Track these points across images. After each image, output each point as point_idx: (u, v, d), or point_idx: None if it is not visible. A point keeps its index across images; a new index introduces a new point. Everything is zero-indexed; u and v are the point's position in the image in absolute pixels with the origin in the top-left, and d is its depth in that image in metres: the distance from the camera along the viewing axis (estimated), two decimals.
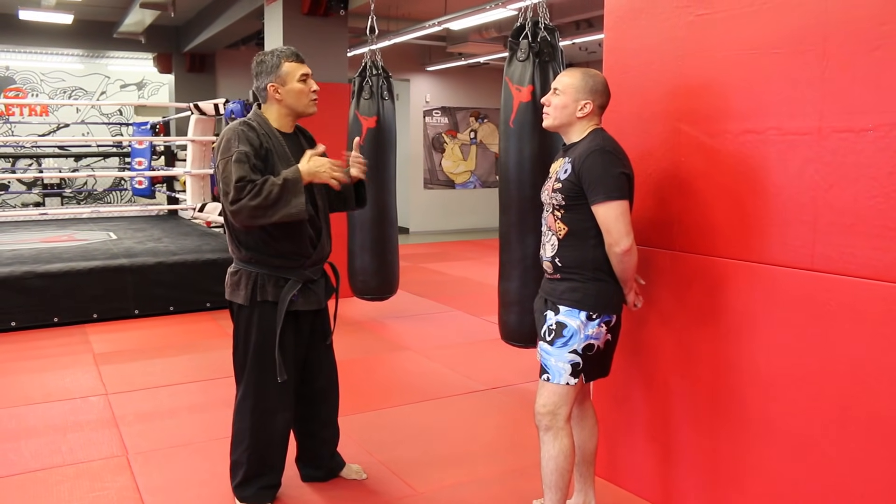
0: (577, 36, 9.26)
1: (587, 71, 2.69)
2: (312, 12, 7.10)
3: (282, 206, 2.72)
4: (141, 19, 9.75)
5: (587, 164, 2.54)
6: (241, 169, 2.72)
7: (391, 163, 6.10)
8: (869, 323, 2.24)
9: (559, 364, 2.63)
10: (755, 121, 2.56)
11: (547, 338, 2.67)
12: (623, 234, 2.52)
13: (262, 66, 2.90)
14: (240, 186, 2.70)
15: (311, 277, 2.99)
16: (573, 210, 2.60)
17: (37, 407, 4.29)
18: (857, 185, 2.26)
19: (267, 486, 3.07)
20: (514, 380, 4.80)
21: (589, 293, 2.61)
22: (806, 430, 2.44)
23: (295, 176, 2.76)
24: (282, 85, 2.89)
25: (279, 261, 2.90)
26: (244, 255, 2.92)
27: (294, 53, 2.93)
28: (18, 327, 6.01)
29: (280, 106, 2.93)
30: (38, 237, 8.27)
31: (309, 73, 2.95)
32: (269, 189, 2.70)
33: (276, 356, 2.89)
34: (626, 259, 2.56)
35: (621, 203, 2.53)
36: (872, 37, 2.19)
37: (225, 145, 2.80)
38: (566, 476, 2.72)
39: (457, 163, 13.58)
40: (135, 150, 10.96)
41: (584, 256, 2.61)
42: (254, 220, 2.75)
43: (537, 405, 2.71)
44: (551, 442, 2.69)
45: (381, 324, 6.43)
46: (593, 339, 2.62)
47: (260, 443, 3.00)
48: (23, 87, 12.63)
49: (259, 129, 2.86)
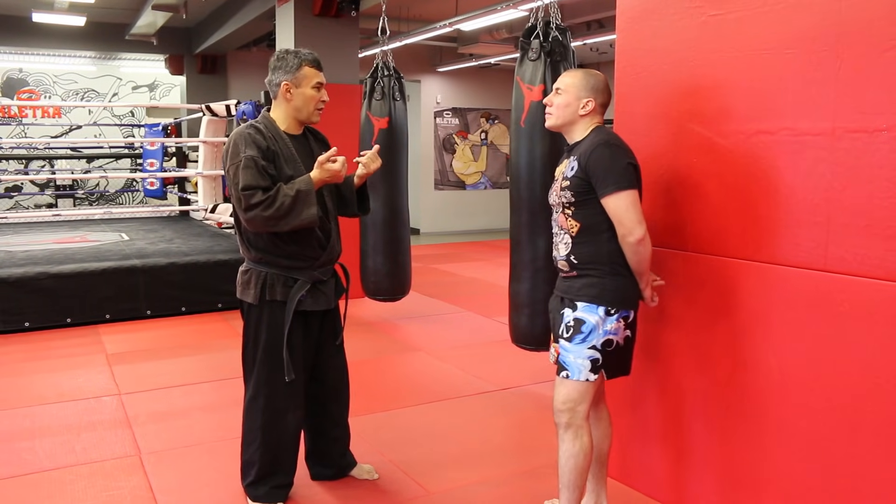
0: (589, 37, 9.25)
1: (588, 70, 2.73)
2: (324, 13, 7.11)
3: (293, 216, 2.77)
4: (153, 21, 9.79)
5: (594, 158, 2.55)
6: (248, 175, 2.75)
7: (403, 164, 6.11)
8: (882, 324, 2.23)
9: (578, 361, 2.63)
10: (768, 121, 2.55)
11: (565, 335, 2.66)
12: (636, 224, 2.53)
13: (282, 62, 2.92)
14: (248, 194, 2.74)
15: (321, 278, 3.01)
16: (584, 206, 2.61)
17: (50, 407, 4.32)
18: (871, 185, 2.25)
19: (279, 485, 3.08)
20: (525, 381, 4.79)
21: (607, 288, 2.61)
22: (819, 431, 2.43)
23: (308, 187, 2.80)
24: (296, 86, 2.91)
25: (288, 261, 2.93)
26: (254, 256, 2.95)
27: (316, 60, 2.96)
28: (32, 328, 6.05)
29: (288, 106, 2.95)
30: (51, 238, 8.32)
31: (324, 83, 2.98)
32: (281, 200, 2.74)
33: (283, 355, 2.91)
34: (641, 248, 2.56)
35: (631, 193, 2.53)
36: (886, 37, 2.19)
37: (233, 150, 2.83)
38: (584, 475, 2.71)
39: (467, 164, 13.58)
40: (147, 152, 11.01)
41: (600, 251, 2.61)
42: (267, 228, 2.80)
43: (556, 401, 2.70)
44: (571, 440, 2.68)
45: (392, 325, 6.44)
46: (612, 334, 2.62)
47: (271, 442, 3.02)
48: (36, 88, 12.71)
49: (266, 131, 2.88)
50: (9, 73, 12.45)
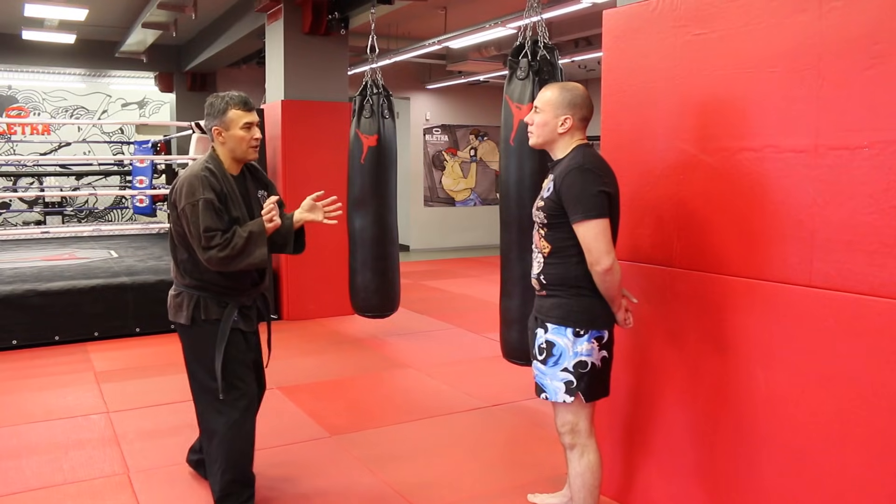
0: (577, 54, 9.31)
1: (565, 85, 2.71)
2: (313, 31, 7.15)
3: (245, 256, 2.91)
4: (143, 39, 9.80)
5: (566, 183, 2.56)
6: (208, 217, 2.88)
7: (392, 181, 6.13)
8: (867, 338, 2.25)
9: (554, 383, 2.66)
10: (752, 139, 2.58)
11: (539, 357, 2.69)
12: (603, 253, 2.53)
13: (210, 109, 3.05)
14: (209, 236, 2.87)
15: (247, 303, 3.14)
16: (555, 228, 2.62)
17: (38, 425, 4.30)
18: (854, 202, 2.28)
19: (250, 497, 3.16)
20: (515, 397, 4.80)
21: (573, 309, 2.62)
22: (806, 445, 2.44)
23: (259, 228, 2.96)
24: (225, 129, 3.02)
25: (220, 289, 3.06)
26: (187, 281, 3.07)
27: (243, 101, 3.04)
28: (20, 345, 6.01)
29: (223, 148, 3.06)
30: (40, 255, 8.29)
31: (254, 122, 3.06)
32: (235, 241, 2.90)
33: (216, 372, 3.01)
34: (608, 278, 2.57)
35: (599, 222, 2.53)
36: (866, 56, 2.22)
37: (188, 189, 2.93)
38: (595, 492, 2.74)
39: (457, 180, 13.62)
40: (136, 169, 11.00)
41: (567, 274, 2.63)
42: (221, 267, 2.93)
43: (557, 425, 2.76)
44: (577, 459, 2.72)
45: (381, 341, 6.44)
46: (584, 356, 2.62)
47: (244, 457, 3.13)
48: (25, 105, 12.69)
49: (217, 172, 2.99)
50: None
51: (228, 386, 3.03)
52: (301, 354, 5.96)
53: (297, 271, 7.20)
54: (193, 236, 2.91)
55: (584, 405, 2.68)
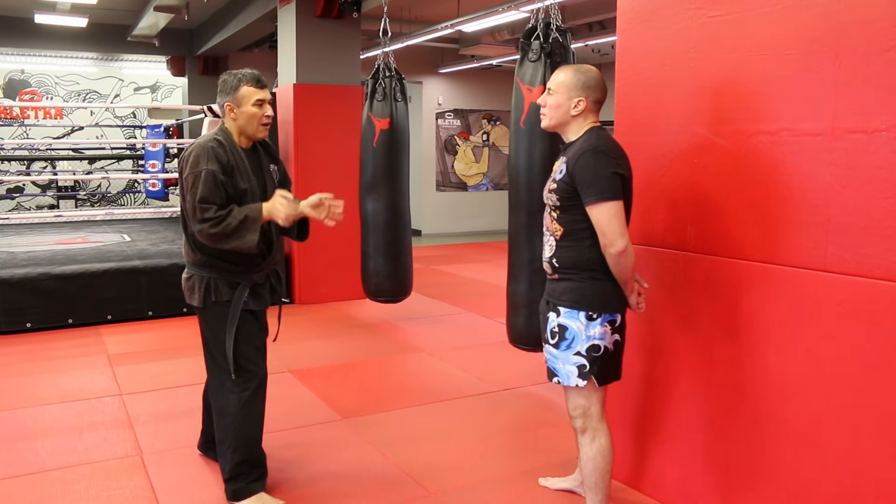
0: (590, 38, 9.25)
1: (579, 67, 2.68)
2: (325, 15, 7.12)
3: (235, 239, 2.90)
4: (155, 22, 9.81)
5: (580, 165, 2.53)
6: (206, 188, 2.87)
7: (405, 164, 6.11)
8: (882, 324, 2.23)
9: (566, 367, 2.64)
10: (768, 122, 2.55)
11: (551, 341, 2.67)
12: (617, 235, 2.51)
13: (223, 85, 3.06)
14: (203, 207, 2.86)
15: (258, 282, 3.13)
16: (568, 211, 2.60)
17: (52, 407, 4.33)
18: (870, 186, 2.25)
19: (261, 476, 3.17)
20: (526, 382, 4.80)
21: (586, 293, 2.60)
22: (819, 431, 2.43)
23: (256, 214, 2.93)
24: (238, 106, 3.03)
25: (230, 266, 3.04)
26: (198, 258, 3.05)
27: (256, 78, 3.06)
28: (34, 328, 6.07)
29: (234, 125, 3.06)
30: (53, 239, 8.34)
31: (266, 99, 3.06)
32: (229, 221, 2.88)
33: (227, 352, 3.02)
34: (622, 260, 2.55)
35: (614, 204, 2.51)
36: (885, 37, 2.19)
37: (193, 160, 2.94)
38: (606, 476, 2.74)
39: (469, 165, 13.59)
40: (148, 153, 11.03)
41: (580, 257, 2.61)
42: (210, 243, 2.93)
43: (569, 409, 2.75)
44: (588, 443, 2.72)
45: (393, 326, 6.45)
46: (597, 339, 2.61)
47: (252, 439, 3.15)
48: (38, 90, 12.73)
49: (226, 144, 2.99)
50: (11, 74, 12.47)
51: (239, 367, 3.05)
52: (313, 338, 5.98)
53: (310, 255, 7.21)
54: (189, 206, 2.92)
55: (597, 389, 2.67)
